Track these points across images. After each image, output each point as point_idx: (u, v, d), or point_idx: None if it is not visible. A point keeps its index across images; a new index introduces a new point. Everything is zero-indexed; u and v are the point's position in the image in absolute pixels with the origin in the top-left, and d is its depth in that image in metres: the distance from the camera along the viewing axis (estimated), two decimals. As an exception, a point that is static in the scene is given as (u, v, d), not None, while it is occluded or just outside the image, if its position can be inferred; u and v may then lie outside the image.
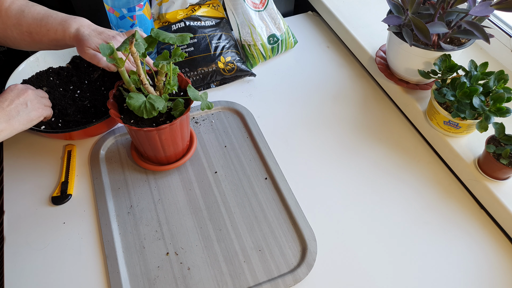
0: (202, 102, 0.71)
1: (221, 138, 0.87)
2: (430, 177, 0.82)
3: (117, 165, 0.82)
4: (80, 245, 0.71)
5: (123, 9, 0.87)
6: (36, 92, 0.75)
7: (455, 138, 0.82)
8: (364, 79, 1.02)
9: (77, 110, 0.84)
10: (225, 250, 0.71)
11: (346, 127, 0.91)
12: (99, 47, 0.64)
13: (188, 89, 0.69)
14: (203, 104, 0.71)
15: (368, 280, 0.68)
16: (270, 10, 1.04)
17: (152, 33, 0.66)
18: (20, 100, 0.70)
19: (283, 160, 0.83)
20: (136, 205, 0.76)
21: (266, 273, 0.68)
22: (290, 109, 0.94)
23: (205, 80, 0.96)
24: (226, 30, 1.01)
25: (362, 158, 0.85)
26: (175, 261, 0.70)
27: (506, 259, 0.71)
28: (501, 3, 0.72)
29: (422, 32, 0.75)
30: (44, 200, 0.76)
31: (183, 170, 0.82)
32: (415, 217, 0.76)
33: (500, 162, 0.71)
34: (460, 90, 0.75)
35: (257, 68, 1.03)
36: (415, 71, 0.85)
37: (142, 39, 0.67)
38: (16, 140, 0.85)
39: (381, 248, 0.72)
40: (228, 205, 0.77)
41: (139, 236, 0.72)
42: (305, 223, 0.74)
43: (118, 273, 0.67)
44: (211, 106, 0.71)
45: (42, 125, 0.80)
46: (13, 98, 0.70)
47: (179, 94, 0.75)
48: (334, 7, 1.11)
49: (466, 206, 0.78)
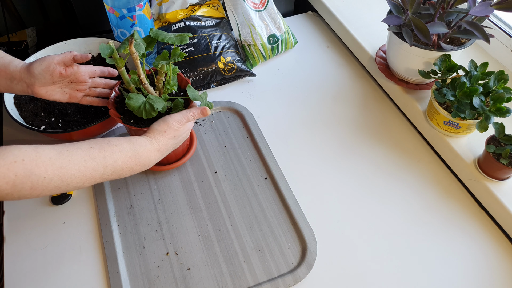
0: (202, 102, 0.71)
1: (221, 138, 0.87)
2: (430, 177, 0.82)
3: (117, 165, 0.82)
4: (80, 245, 0.71)
5: (123, 9, 0.87)
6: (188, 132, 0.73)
7: (455, 138, 0.82)
8: (364, 79, 1.02)
9: (77, 110, 0.84)
10: (225, 250, 0.71)
11: (346, 127, 0.91)
12: (99, 48, 0.64)
13: (188, 89, 0.69)
14: (203, 103, 0.71)
15: (368, 280, 0.68)
16: (270, 10, 1.04)
17: (151, 33, 0.66)
18: (177, 144, 0.70)
19: (283, 160, 0.83)
20: (136, 205, 0.76)
21: (266, 273, 0.68)
22: (290, 109, 0.94)
23: (205, 80, 0.96)
24: (226, 30, 1.01)
25: (362, 158, 0.85)
26: (175, 261, 0.70)
27: (506, 259, 0.71)
28: (501, 3, 0.72)
29: (422, 32, 0.74)
30: (44, 200, 0.76)
31: (183, 170, 0.82)
32: (415, 217, 0.76)
33: (500, 162, 0.71)
34: (460, 90, 0.75)
35: (257, 68, 1.03)
36: (415, 71, 0.85)
37: (142, 39, 0.67)
38: (16, 140, 0.85)
39: (380, 248, 0.72)
40: (228, 205, 0.77)
41: (139, 236, 0.72)
42: (305, 223, 0.74)
43: (118, 273, 0.67)
44: (211, 106, 0.72)
45: (42, 125, 0.80)
46: (177, 142, 0.69)
47: (179, 94, 0.76)
48: (334, 7, 1.11)
49: (466, 206, 0.78)
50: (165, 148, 0.67)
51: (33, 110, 0.83)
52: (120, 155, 0.60)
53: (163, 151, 0.67)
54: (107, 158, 0.59)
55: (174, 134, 0.67)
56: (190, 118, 0.68)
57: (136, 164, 0.63)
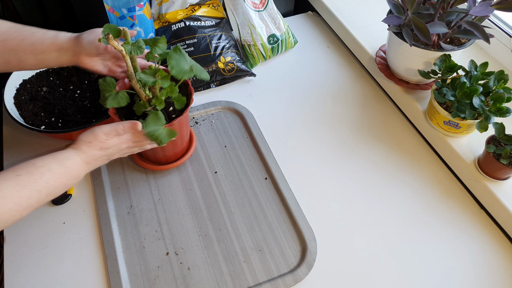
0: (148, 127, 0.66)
1: (221, 138, 0.87)
2: (430, 177, 0.82)
3: (117, 165, 0.82)
4: (80, 245, 0.71)
5: (123, 9, 0.87)
6: (125, 150, 0.69)
7: (455, 138, 0.82)
8: (364, 79, 1.02)
9: (77, 110, 0.84)
10: (225, 250, 0.71)
11: (346, 127, 0.91)
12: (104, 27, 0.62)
13: (151, 116, 0.66)
14: (152, 131, 0.66)
15: (368, 280, 0.68)
16: (270, 10, 1.04)
17: (174, 72, 0.64)
18: (108, 157, 0.67)
19: (283, 160, 0.83)
20: (136, 205, 0.76)
21: (266, 273, 0.68)
22: (290, 109, 0.94)
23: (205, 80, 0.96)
24: (226, 30, 1.01)
25: (362, 158, 0.85)
26: (175, 261, 0.69)
27: (506, 259, 0.71)
28: (501, 3, 0.72)
29: (422, 32, 0.74)
30: (44, 200, 0.76)
31: (183, 170, 0.82)
32: (414, 217, 0.76)
33: (500, 162, 0.71)
34: (460, 90, 0.75)
35: (257, 68, 1.03)
36: (415, 71, 0.85)
37: (143, 41, 0.66)
38: (16, 140, 0.85)
39: (381, 248, 0.72)
40: (228, 205, 0.77)
41: (139, 236, 0.72)
42: (305, 223, 0.74)
43: (118, 273, 0.67)
44: (173, 135, 0.68)
45: (42, 125, 0.80)
46: (107, 154, 0.66)
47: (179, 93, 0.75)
48: (334, 7, 1.11)
49: (466, 206, 0.78)
50: (93, 159, 0.64)
51: (33, 110, 0.83)
52: (50, 175, 0.58)
53: (91, 162, 0.64)
54: (38, 182, 0.57)
55: (101, 146, 0.64)
56: (120, 131, 0.65)
57: (68, 179, 0.61)
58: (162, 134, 0.66)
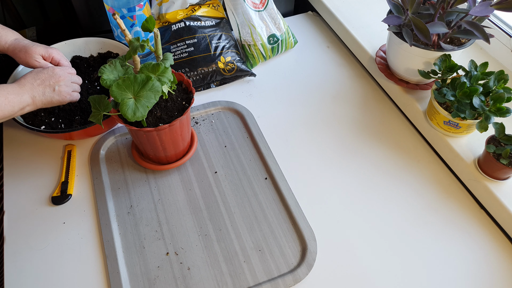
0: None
1: (221, 138, 0.87)
2: (430, 177, 0.82)
3: (117, 165, 0.82)
4: (80, 245, 0.71)
5: (123, 9, 0.87)
6: (69, 77, 0.77)
7: (455, 138, 0.82)
8: (364, 79, 1.02)
9: (77, 110, 0.84)
10: (225, 250, 0.71)
11: (346, 127, 0.91)
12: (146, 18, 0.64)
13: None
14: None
15: (368, 280, 0.68)
16: (270, 10, 1.04)
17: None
18: (51, 83, 0.73)
19: (283, 160, 0.83)
20: (136, 205, 0.76)
21: (266, 273, 0.68)
22: (290, 109, 0.94)
23: (205, 80, 0.96)
24: (226, 30, 1.01)
25: (362, 158, 0.85)
26: (175, 261, 0.70)
27: (506, 259, 0.71)
28: (501, 3, 0.72)
29: (422, 32, 0.75)
30: (44, 200, 0.76)
31: (183, 170, 0.82)
32: (415, 217, 0.76)
33: (500, 162, 0.71)
34: (460, 90, 0.75)
35: (257, 68, 1.03)
36: (415, 71, 0.85)
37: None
38: (16, 140, 0.85)
39: (380, 248, 0.72)
40: (228, 205, 0.77)
41: (139, 236, 0.72)
42: (305, 223, 0.74)
43: (118, 273, 0.67)
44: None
45: (42, 125, 0.80)
46: (45, 79, 0.73)
47: (179, 94, 0.75)
48: (334, 7, 1.11)
49: (466, 206, 0.78)
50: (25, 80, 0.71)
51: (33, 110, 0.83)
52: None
53: (25, 85, 0.71)
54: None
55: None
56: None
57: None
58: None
